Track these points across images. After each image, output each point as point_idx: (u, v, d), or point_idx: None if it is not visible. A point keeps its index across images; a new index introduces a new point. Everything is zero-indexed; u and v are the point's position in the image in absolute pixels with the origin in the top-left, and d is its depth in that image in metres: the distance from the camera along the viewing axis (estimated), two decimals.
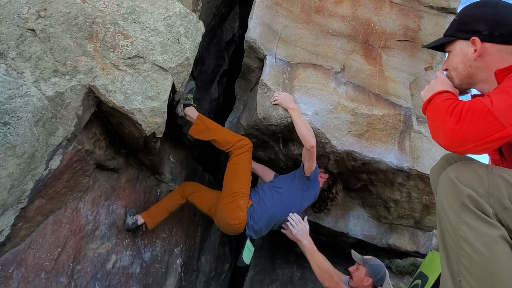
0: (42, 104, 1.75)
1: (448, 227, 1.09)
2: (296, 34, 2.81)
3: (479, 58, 1.25)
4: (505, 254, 1.00)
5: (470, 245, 1.03)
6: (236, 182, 2.59)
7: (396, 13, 2.99)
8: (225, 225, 2.63)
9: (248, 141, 2.66)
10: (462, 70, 1.30)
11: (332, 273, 2.39)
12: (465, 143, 1.05)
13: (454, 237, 1.06)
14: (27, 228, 2.04)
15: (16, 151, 1.64)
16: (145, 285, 2.95)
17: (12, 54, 1.87)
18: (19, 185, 1.76)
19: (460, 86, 1.34)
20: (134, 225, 2.75)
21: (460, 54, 1.30)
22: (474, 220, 1.03)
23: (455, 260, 1.06)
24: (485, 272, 1.00)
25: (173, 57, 2.20)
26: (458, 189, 1.07)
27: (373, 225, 3.44)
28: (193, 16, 2.32)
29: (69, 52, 1.98)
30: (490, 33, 1.23)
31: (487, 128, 1.02)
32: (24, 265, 2.05)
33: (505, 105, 1.02)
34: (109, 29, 2.09)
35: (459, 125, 1.05)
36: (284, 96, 2.55)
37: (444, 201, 1.12)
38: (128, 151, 2.74)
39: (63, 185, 2.18)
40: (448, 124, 1.08)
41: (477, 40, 1.24)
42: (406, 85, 2.86)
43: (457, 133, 1.05)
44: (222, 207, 2.59)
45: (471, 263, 1.02)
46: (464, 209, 1.05)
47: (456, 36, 1.32)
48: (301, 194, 2.70)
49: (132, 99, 2.08)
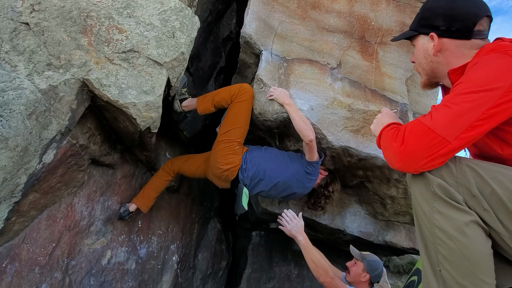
0: (35, 97, 1.74)
1: (423, 218, 1.10)
2: (292, 30, 2.80)
3: (439, 53, 1.27)
4: (478, 237, 1.02)
5: (444, 233, 1.04)
6: (234, 131, 2.62)
7: (392, 9, 2.99)
8: (217, 171, 2.64)
9: (249, 88, 2.64)
10: (425, 65, 1.33)
11: (327, 268, 2.38)
12: (415, 162, 1.07)
13: (430, 227, 1.08)
14: (21, 223, 2.04)
15: (8, 143, 1.63)
16: (141, 282, 2.94)
17: (6, 48, 1.87)
18: (12, 179, 1.75)
19: (428, 80, 1.37)
20: (126, 212, 2.73)
21: (422, 49, 1.32)
22: (446, 208, 1.05)
23: (433, 250, 1.08)
24: (461, 258, 1.01)
25: (168, 51, 2.19)
26: (428, 180, 1.09)
27: (370, 222, 3.44)
28: (188, 11, 2.31)
29: (63, 46, 1.97)
30: (448, 28, 1.24)
31: (432, 145, 1.04)
32: (18, 260, 2.04)
33: (445, 120, 1.04)
34: (103, 23, 2.08)
35: (403, 146, 1.08)
36: (279, 92, 2.55)
37: (417, 193, 1.13)
38: (123, 147, 2.73)
39: (58, 180, 2.17)
40: (393, 148, 1.12)
41: (435, 36, 1.26)
42: (403, 81, 2.85)
43: (403, 154, 1.08)
44: (216, 153, 2.62)
45: (448, 251, 1.03)
46: (435, 198, 1.07)
47: (418, 31, 1.33)
48: (296, 169, 2.63)
49: (126, 93, 2.07)
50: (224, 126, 2.66)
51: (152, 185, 2.89)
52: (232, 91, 2.64)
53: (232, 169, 2.59)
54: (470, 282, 1.01)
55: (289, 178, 2.62)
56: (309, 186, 2.73)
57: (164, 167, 2.95)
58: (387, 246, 3.53)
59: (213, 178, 2.76)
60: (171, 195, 3.44)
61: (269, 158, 2.65)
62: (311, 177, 2.66)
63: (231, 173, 2.60)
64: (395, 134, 1.14)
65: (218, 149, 2.62)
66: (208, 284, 4.00)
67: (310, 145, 2.46)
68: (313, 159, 2.57)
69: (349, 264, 2.58)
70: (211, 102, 2.71)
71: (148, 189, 2.87)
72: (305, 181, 2.66)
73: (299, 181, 2.65)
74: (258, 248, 4.35)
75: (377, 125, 1.40)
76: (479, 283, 1.01)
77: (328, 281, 2.31)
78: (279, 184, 2.63)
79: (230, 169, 2.59)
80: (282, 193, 2.70)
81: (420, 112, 2.84)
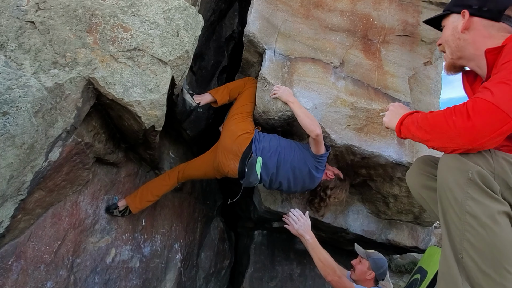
0: (41, 95, 1.75)
1: (452, 203, 1.09)
2: (295, 29, 2.81)
3: (466, 31, 1.30)
4: (509, 228, 1.03)
5: (476, 219, 1.03)
6: (247, 106, 2.71)
7: (395, 8, 2.99)
8: (230, 140, 2.56)
9: (253, 78, 2.90)
10: (452, 42, 1.35)
11: (335, 267, 2.39)
12: (482, 137, 1.06)
13: (459, 213, 1.07)
14: (26, 221, 2.05)
15: (15, 141, 1.64)
16: (145, 280, 2.95)
17: (12, 46, 1.88)
18: (19, 176, 1.76)
19: (452, 60, 1.38)
20: (114, 206, 2.65)
21: (451, 26, 1.36)
22: (480, 195, 1.04)
23: (458, 236, 1.07)
24: (490, 245, 1.01)
25: (172, 50, 2.20)
26: (467, 166, 1.08)
27: (373, 220, 3.44)
28: (192, 10, 2.32)
29: (68, 44, 1.98)
30: (480, 7, 1.28)
31: (496, 121, 1.03)
32: (23, 258, 2.05)
33: (507, 96, 1.03)
34: (108, 22, 2.09)
35: (471, 122, 1.07)
36: (283, 90, 2.55)
37: (449, 177, 1.12)
38: (127, 146, 2.74)
39: (63, 178, 2.18)
40: (459, 123, 1.09)
41: (466, 13, 1.30)
42: (405, 80, 2.86)
43: (472, 129, 1.07)
44: (231, 123, 2.64)
45: (477, 237, 1.03)
46: (471, 184, 1.06)
47: (450, 10, 1.37)
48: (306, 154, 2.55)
49: (131, 92, 2.08)
50: (237, 103, 2.74)
51: (152, 188, 2.80)
52: (244, 79, 2.89)
53: (246, 136, 2.53)
54: (494, 271, 1.01)
55: (299, 159, 2.53)
56: (318, 176, 2.62)
57: (168, 172, 2.89)
58: (390, 245, 3.54)
59: (222, 158, 2.59)
60: (174, 194, 3.45)
61: (280, 138, 2.62)
62: (320, 166, 2.58)
63: (245, 140, 2.51)
64: (451, 111, 1.13)
65: (232, 120, 2.64)
66: (211, 283, 4.01)
67: (317, 140, 2.42)
68: (320, 152, 2.51)
69: (354, 262, 2.58)
70: (227, 91, 2.80)
71: (145, 190, 2.78)
72: (313, 170, 2.56)
73: (307, 165, 2.54)
74: (261, 247, 4.35)
75: (393, 117, 1.42)
76: (504, 272, 1.01)
77: (336, 280, 2.32)
78: (289, 164, 2.53)
79: (245, 134, 2.53)
80: (291, 175, 2.57)
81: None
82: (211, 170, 2.75)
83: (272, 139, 2.57)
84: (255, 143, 2.51)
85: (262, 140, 2.54)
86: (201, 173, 2.88)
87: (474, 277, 1.03)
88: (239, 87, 2.86)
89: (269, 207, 3.39)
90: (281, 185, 2.61)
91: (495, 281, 1.01)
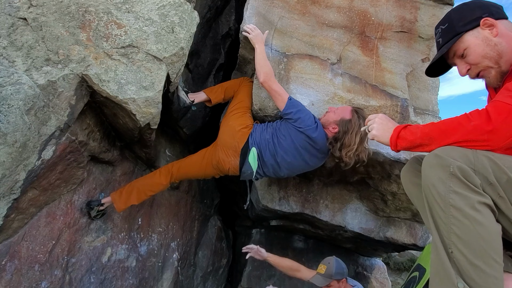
0: (33, 92, 1.72)
1: (436, 199, 1.12)
2: (292, 25, 2.78)
3: (498, 35, 1.27)
4: (491, 217, 1.06)
5: (460, 211, 1.06)
6: (245, 102, 2.67)
7: (392, 4, 2.97)
8: (231, 134, 2.49)
9: (249, 78, 2.91)
10: (492, 52, 1.28)
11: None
12: (503, 139, 1.10)
13: (444, 207, 1.09)
14: (20, 220, 2.02)
15: (7, 139, 1.61)
16: (142, 279, 2.93)
17: (4, 43, 1.85)
18: (11, 175, 1.73)
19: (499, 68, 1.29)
20: (96, 203, 2.48)
21: (479, 41, 1.29)
22: (462, 188, 1.08)
23: (446, 231, 1.09)
24: (475, 236, 1.03)
25: (167, 46, 2.17)
26: (448, 161, 1.11)
27: (371, 218, 3.43)
28: (187, 6, 2.29)
29: (61, 41, 1.96)
30: (490, 12, 1.28)
31: None
32: (17, 257, 2.03)
33: None
34: (102, 18, 2.06)
35: (492, 125, 1.09)
36: (256, 34, 2.53)
37: (432, 173, 1.15)
38: (123, 144, 2.71)
39: (57, 177, 2.15)
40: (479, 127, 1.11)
41: (490, 19, 1.27)
42: (403, 76, 2.84)
43: (493, 132, 1.10)
44: (229, 119, 2.59)
45: (462, 229, 1.05)
46: (452, 178, 1.09)
47: (463, 30, 1.32)
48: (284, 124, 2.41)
49: (126, 89, 2.05)
50: (235, 100, 2.71)
51: (139, 186, 2.60)
52: (239, 79, 2.86)
53: (245, 131, 2.47)
54: (483, 262, 1.02)
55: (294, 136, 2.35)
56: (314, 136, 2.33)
57: (161, 169, 2.71)
58: (388, 242, 3.53)
59: (222, 155, 2.51)
60: (171, 193, 3.43)
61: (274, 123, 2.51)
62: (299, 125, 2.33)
63: (244, 135, 2.44)
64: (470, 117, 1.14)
65: (230, 116, 2.59)
66: (209, 282, 3.99)
67: (266, 88, 2.41)
68: (281, 108, 2.37)
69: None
70: (221, 90, 2.78)
71: (132, 189, 2.58)
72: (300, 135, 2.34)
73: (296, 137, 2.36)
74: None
75: (384, 130, 1.42)
76: (492, 262, 1.02)
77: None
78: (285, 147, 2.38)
79: (243, 129, 2.47)
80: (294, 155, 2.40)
81: (421, 107, 2.83)
82: (210, 168, 2.64)
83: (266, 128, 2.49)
84: (251, 136, 2.46)
85: (258, 131, 2.48)
86: (199, 172, 2.72)
87: (465, 270, 1.04)
88: (234, 86, 2.83)
89: (267, 205, 3.38)
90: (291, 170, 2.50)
91: (486, 273, 1.02)
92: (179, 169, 2.67)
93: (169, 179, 2.66)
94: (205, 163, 2.64)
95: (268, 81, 2.38)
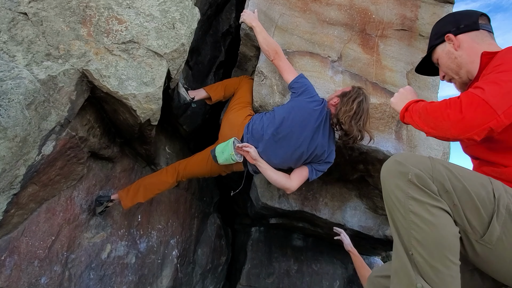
0: (34, 87, 1.72)
1: (396, 205, 1.17)
2: (292, 22, 2.78)
3: (459, 48, 1.45)
4: (448, 220, 1.11)
5: (419, 217, 1.11)
6: (245, 98, 2.66)
7: (393, 2, 2.97)
8: (233, 127, 2.45)
9: (248, 76, 2.90)
10: (452, 64, 1.48)
11: None
12: (471, 129, 1.16)
13: (404, 213, 1.14)
14: (19, 215, 2.02)
15: (7, 133, 1.61)
16: (141, 276, 2.93)
17: (4, 38, 1.84)
18: (11, 170, 1.73)
19: (460, 79, 1.49)
20: (106, 198, 2.52)
21: (445, 54, 1.50)
22: (420, 194, 1.12)
23: (406, 235, 1.14)
24: (433, 240, 1.09)
25: (168, 42, 2.17)
26: (406, 168, 1.15)
27: (370, 216, 3.43)
28: (188, 2, 2.29)
29: (62, 36, 1.95)
30: (457, 27, 1.47)
31: (485, 116, 1.14)
32: (17, 253, 2.02)
33: (497, 94, 1.14)
34: (103, 14, 2.06)
35: (463, 114, 1.16)
36: (248, 14, 2.57)
37: (391, 180, 1.19)
38: (123, 140, 2.71)
39: (57, 172, 2.15)
40: (451, 116, 1.20)
41: (451, 35, 1.47)
42: (403, 74, 2.84)
43: (462, 122, 1.16)
44: (230, 113, 2.58)
45: (421, 234, 1.10)
46: (410, 185, 1.14)
47: (434, 44, 1.55)
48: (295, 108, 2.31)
49: (126, 85, 2.05)
50: (235, 97, 2.71)
51: (146, 185, 2.61)
52: (240, 77, 2.86)
53: (244, 122, 2.43)
54: (441, 264, 1.08)
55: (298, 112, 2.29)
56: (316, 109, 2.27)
57: (167, 167, 2.72)
58: (387, 241, 3.52)
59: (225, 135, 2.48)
60: (170, 190, 3.41)
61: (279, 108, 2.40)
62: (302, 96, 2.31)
63: (243, 126, 2.42)
64: (446, 104, 1.23)
65: (231, 110, 2.59)
66: (208, 279, 3.99)
67: (275, 64, 2.44)
68: (288, 80, 2.36)
69: None
70: (221, 87, 2.78)
71: (140, 187, 2.59)
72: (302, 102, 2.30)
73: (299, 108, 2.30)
74: (258, 243, 4.34)
75: (400, 100, 1.54)
76: (449, 263, 1.08)
77: None
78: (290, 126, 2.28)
79: (244, 121, 2.44)
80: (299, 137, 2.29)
81: None
82: (216, 166, 2.57)
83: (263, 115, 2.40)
84: (247, 126, 2.38)
85: (256, 121, 2.38)
86: (206, 170, 2.67)
87: (425, 271, 1.09)
88: (234, 84, 2.83)
89: (266, 203, 3.37)
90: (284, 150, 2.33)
91: (443, 273, 1.08)
92: (185, 168, 2.66)
93: (176, 178, 2.65)
94: (211, 160, 2.57)
95: (278, 59, 2.42)
